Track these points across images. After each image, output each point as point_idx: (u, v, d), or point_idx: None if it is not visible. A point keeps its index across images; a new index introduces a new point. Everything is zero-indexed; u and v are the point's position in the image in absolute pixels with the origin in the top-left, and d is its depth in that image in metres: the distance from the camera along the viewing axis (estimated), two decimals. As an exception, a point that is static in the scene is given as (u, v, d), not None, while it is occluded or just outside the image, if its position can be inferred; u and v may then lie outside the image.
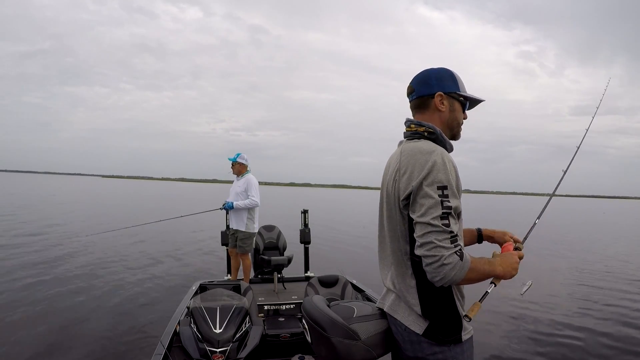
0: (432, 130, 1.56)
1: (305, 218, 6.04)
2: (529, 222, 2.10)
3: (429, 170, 1.41)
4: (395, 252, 1.56)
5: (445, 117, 1.62)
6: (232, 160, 5.83)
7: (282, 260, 5.40)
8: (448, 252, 1.35)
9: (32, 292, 6.53)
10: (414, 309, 1.50)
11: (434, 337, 1.47)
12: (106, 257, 9.42)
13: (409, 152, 1.51)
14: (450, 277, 1.35)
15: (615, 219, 36.81)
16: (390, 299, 1.63)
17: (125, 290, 6.87)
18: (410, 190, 1.44)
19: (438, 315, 1.48)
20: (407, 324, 1.52)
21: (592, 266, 11.10)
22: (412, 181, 1.44)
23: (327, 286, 4.07)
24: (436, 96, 1.60)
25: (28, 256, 9.27)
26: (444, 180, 1.40)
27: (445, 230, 1.36)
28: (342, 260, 10.07)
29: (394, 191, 1.52)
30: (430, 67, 1.67)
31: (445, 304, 1.48)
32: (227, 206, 5.62)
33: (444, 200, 1.38)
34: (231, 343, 3.08)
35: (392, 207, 1.54)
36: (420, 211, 1.40)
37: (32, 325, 5.11)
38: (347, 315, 1.67)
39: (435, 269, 1.35)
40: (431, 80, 1.62)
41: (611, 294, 7.85)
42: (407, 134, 1.62)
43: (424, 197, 1.40)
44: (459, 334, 1.49)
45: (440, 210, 1.37)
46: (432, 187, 1.40)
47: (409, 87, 1.68)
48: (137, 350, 4.51)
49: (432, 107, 1.61)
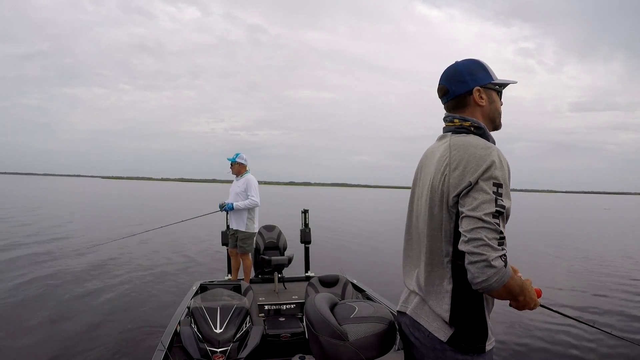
0: (478, 126, 1.50)
1: (306, 218, 6.03)
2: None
3: (488, 166, 1.33)
4: (433, 253, 1.45)
5: (486, 110, 1.55)
6: (232, 161, 5.81)
7: (282, 260, 5.40)
8: (495, 254, 1.26)
9: (32, 292, 6.52)
10: (442, 314, 1.41)
11: (457, 345, 1.39)
12: (106, 258, 9.42)
13: (460, 146, 1.42)
14: (490, 283, 1.26)
15: (616, 215, 36.80)
16: (414, 301, 1.53)
17: (126, 291, 6.87)
18: (464, 185, 1.35)
19: (466, 323, 1.40)
20: (430, 330, 1.43)
21: (594, 263, 11.10)
22: (467, 176, 1.35)
23: (328, 286, 4.07)
24: (474, 92, 1.53)
25: (28, 256, 9.26)
26: (500, 177, 1.33)
27: (496, 229, 1.28)
28: (343, 260, 10.07)
29: (441, 187, 1.42)
30: (456, 61, 1.59)
31: (475, 312, 1.41)
32: (227, 207, 5.61)
33: (498, 198, 1.31)
34: (231, 343, 3.08)
35: (437, 204, 1.43)
36: (472, 204, 1.31)
37: (32, 325, 5.11)
38: (345, 315, 1.65)
39: (480, 269, 1.26)
40: (464, 76, 1.54)
41: (614, 291, 7.86)
42: (452, 128, 1.53)
43: (479, 191, 1.32)
44: (483, 344, 1.41)
45: (494, 207, 1.29)
46: (489, 182, 1.32)
47: (442, 87, 1.58)
48: (137, 350, 4.51)
49: (472, 104, 1.54)
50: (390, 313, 1.76)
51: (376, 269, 9.38)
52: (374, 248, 13.05)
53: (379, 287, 5.40)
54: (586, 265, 10.85)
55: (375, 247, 13.20)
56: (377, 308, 1.74)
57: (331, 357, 1.57)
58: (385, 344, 1.64)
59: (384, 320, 1.67)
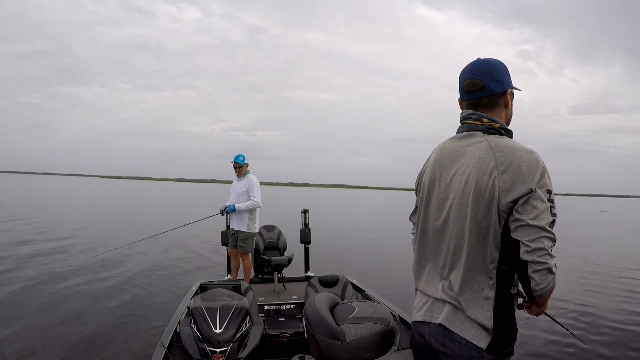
0: (507, 128, 1.50)
1: (306, 218, 6.04)
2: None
3: (542, 173, 1.34)
4: (475, 259, 1.40)
5: (509, 114, 1.55)
6: (241, 163, 5.70)
7: (282, 260, 5.40)
8: (553, 261, 1.31)
9: (31, 292, 6.52)
10: (483, 322, 1.38)
11: (495, 351, 1.38)
12: (106, 258, 9.41)
13: (504, 149, 1.39)
14: (550, 288, 1.32)
15: (615, 218, 36.80)
16: (445, 310, 1.46)
17: (126, 290, 6.87)
18: (524, 192, 1.33)
19: (503, 329, 1.40)
20: (468, 338, 1.39)
21: (593, 264, 11.10)
22: (523, 182, 1.33)
23: (328, 286, 4.08)
24: (508, 93, 1.52)
25: (28, 257, 9.26)
26: (550, 185, 1.35)
27: (554, 238, 1.32)
28: (343, 260, 10.07)
29: (490, 190, 1.37)
30: (488, 59, 1.54)
31: (511, 317, 1.42)
32: (230, 209, 5.60)
33: (552, 207, 1.33)
34: (231, 343, 3.08)
35: (485, 207, 1.38)
36: (533, 213, 1.31)
37: (32, 324, 5.10)
38: (344, 315, 1.65)
39: (544, 276, 1.30)
40: (501, 76, 1.52)
41: (613, 292, 7.86)
42: (480, 127, 1.49)
43: (537, 199, 1.32)
44: (512, 346, 1.43)
45: (551, 217, 1.32)
46: (543, 190, 1.33)
47: (476, 82, 1.51)
48: (137, 350, 4.50)
49: (501, 105, 1.52)
50: (390, 314, 1.76)
51: (376, 269, 9.39)
52: (374, 248, 13.05)
53: (379, 287, 5.41)
54: (585, 266, 10.85)
55: (375, 248, 13.20)
56: (377, 309, 1.74)
57: (328, 356, 1.57)
58: (384, 344, 1.63)
59: (383, 321, 1.67)
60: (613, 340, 5.25)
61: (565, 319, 6.00)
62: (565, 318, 6.03)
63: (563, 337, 5.08)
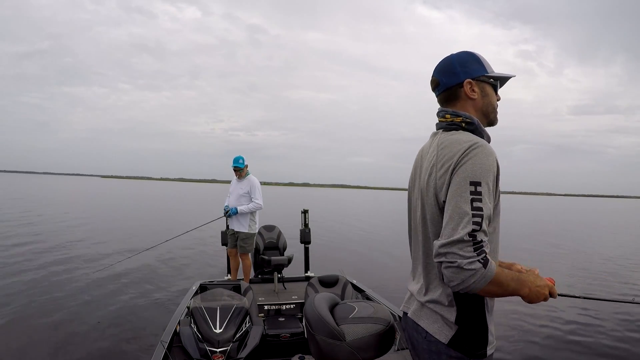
0: (470, 121, 1.44)
1: (306, 218, 6.04)
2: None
3: (464, 163, 1.29)
4: (431, 255, 1.40)
5: (478, 104, 1.49)
6: (242, 167, 5.66)
7: (282, 260, 5.40)
8: (466, 261, 1.23)
9: (31, 292, 6.51)
10: (445, 316, 1.38)
11: (459, 347, 1.35)
12: (106, 258, 9.41)
13: (447, 144, 1.38)
14: (468, 285, 1.23)
15: (615, 219, 36.80)
16: (414, 304, 1.50)
17: (126, 290, 6.87)
18: (448, 186, 1.31)
19: (467, 326, 1.36)
20: (430, 332, 1.40)
21: (592, 264, 11.11)
22: (449, 175, 1.32)
23: (327, 286, 4.08)
24: (465, 84, 1.47)
25: (29, 257, 9.27)
26: (479, 177, 1.27)
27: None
28: (343, 260, 10.06)
29: (430, 189, 1.38)
30: (450, 54, 1.53)
31: (476, 315, 1.37)
32: (232, 212, 5.60)
33: (473, 199, 1.26)
34: (231, 343, 3.08)
35: (433, 207, 1.38)
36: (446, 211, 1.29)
37: (32, 324, 5.11)
38: (343, 315, 1.65)
39: (453, 273, 1.25)
40: (456, 68, 1.48)
41: (612, 291, 7.86)
42: (442, 124, 1.49)
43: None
44: (485, 349, 1.37)
45: (470, 211, 1.26)
46: (466, 182, 1.28)
47: (433, 79, 1.54)
48: (137, 350, 4.50)
49: (463, 97, 1.48)
50: (390, 314, 1.76)
51: (376, 269, 9.38)
52: (373, 249, 13.04)
53: (379, 287, 5.41)
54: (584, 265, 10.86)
55: (375, 248, 13.19)
56: (377, 309, 1.74)
57: (328, 356, 1.57)
58: (383, 344, 1.63)
59: (383, 321, 1.67)
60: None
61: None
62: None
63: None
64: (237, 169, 5.71)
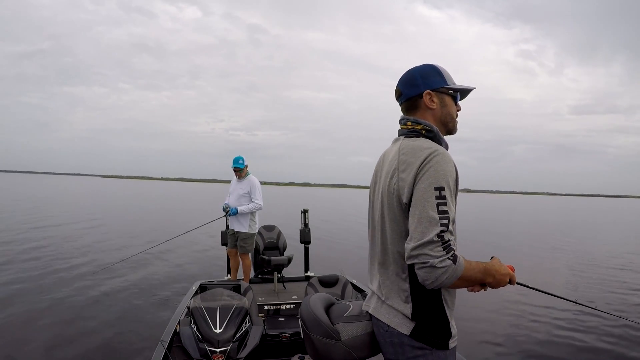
0: (430, 129, 1.54)
1: (306, 218, 6.03)
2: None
3: (427, 169, 1.38)
4: (395, 254, 1.50)
5: (437, 114, 1.60)
6: (242, 167, 5.66)
7: (282, 260, 5.40)
8: (436, 260, 1.32)
9: (31, 292, 6.52)
10: (403, 311, 1.46)
11: (422, 338, 1.43)
12: (106, 258, 9.42)
13: (409, 150, 1.47)
14: (442, 281, 1.32)
15: (616, 218, 36.82)
16: (374, 301, 1.60)
17: (126, 290, 6.87)
18: (411, 190, 1.41)
19: (427, 320, 1.44)
20: (392, 325, 1.48)
21: (592, 263, 11.11)
22: (411, 179, 1.41)
23: (327, 286, 4.07)
24: (424, 95, 1.58)
25: (29, 257, 9.27)
26: (441, 181, 1.37)
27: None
28: (342, 260, 10.07)
29: (393, 191, 1.47)
30: (414, 66, 1.65)
31: (434, 310, 1.45)
32: (232, 212, 5.59)
33: (440, 203, 1.35)
34: (231, 343, 3.08)
35: (395, 208, 1.48)
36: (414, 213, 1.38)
37: (32, 324, 5.11)
38: (338, 314, 1.65)
39: (427, 273, 1.33)
40: (417, 80, 1.60)
41: (611, 290, 7.86)
42: (404, 131, 1.59)
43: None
44: (447, 341, 1.45)
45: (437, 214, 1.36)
46: (430, 187, 1.37)
47: (397, 90, 1.66)
48: (137, 350, 4.51)
49: (423, 107, 1.59)
50: None
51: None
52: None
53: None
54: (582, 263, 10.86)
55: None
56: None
57: (324, 356, 1.58)
58: (376, 344, 1.63)
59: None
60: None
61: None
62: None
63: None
64: (237, 169, 5.70)
